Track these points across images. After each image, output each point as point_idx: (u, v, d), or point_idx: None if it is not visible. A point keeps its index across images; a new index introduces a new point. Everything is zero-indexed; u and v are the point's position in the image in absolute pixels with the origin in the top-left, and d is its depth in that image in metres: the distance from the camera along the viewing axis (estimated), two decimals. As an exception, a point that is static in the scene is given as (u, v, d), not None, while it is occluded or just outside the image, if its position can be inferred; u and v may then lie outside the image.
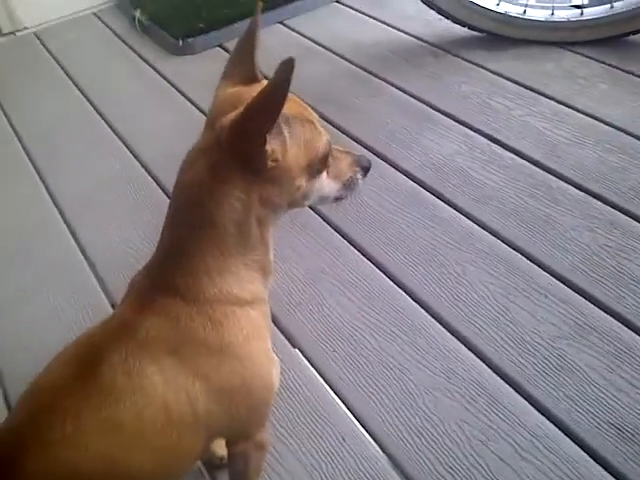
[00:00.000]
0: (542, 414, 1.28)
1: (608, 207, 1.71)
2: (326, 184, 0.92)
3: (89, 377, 0.81)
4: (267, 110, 0.74)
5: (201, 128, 0.88)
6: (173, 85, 2.61)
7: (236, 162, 0.79)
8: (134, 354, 0.82)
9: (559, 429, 1.25)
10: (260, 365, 0.92)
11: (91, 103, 2.59)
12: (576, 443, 1.22)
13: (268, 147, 0.77)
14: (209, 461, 1.26)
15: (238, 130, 0.76)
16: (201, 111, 2.37)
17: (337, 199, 0.97)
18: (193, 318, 0.84)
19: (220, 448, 1.23)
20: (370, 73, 2.45)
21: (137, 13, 3.02)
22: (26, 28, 3.27)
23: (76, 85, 2.74)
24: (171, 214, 0.87)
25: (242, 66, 0.92)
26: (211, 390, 0.85)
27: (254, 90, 0.75)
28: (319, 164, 0.88)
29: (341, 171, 0.95)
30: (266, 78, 0.87)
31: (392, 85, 2.35)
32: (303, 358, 1.46)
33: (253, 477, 1.04)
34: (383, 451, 1.27)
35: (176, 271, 0.85)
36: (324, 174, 0.91)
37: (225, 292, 0.85)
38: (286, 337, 1.50)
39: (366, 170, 0.99)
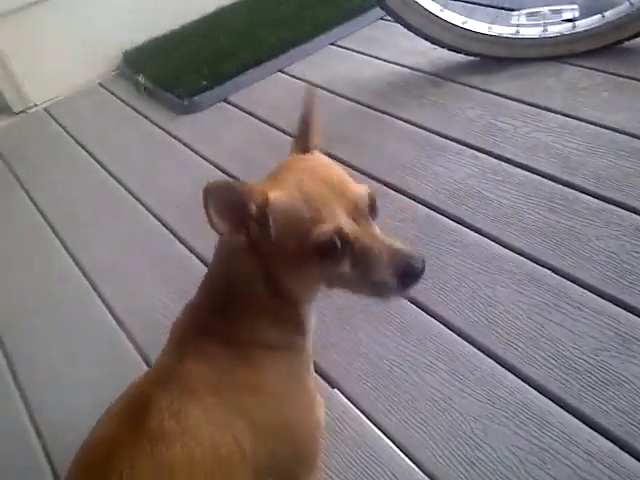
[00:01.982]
0: (594, 430, 1.25)
1: (630, 213, 1.70)
2: (348, 275, 0.85)
3: (139, 425, 0.83)
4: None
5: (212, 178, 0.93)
6: (184, 144, 2.67)
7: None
8: (179, 399, 0.85)
9: (614, 444, 1.22)
10: (301, 404, 0.95)
11: (107, 170, 2.66)
12: (634, 456, 1.20)
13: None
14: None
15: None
16: (213, 164, 2.43)
17: (368, 295, 0.89)
18: (230, 358, 0.89)
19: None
20: (374, 109, 2.49)
21: (140, 78, 3.12)
22: (36, 105, 3.40)
23: (90, 154, 2.82)
24: (212, 262, 0.96)
25: (301, 140, 0.98)
26: (254, 429, 0.87)
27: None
28: (324, 249, 0.82)
29: (369, 268, 0.83)
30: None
31: (398, 118, 2.38)
32: (344, 398, 1.46)
33: None
34: (439, 487, 1.25)
35: (211, 314, 0.91)
36: (345, 263, 0.84)
37: (257, 337, 0.91)
38: (324, 379, 1.50)
39: (407, 277, 0.83)
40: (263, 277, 0.89)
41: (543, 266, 1.63)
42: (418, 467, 1.29)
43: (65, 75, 3.38)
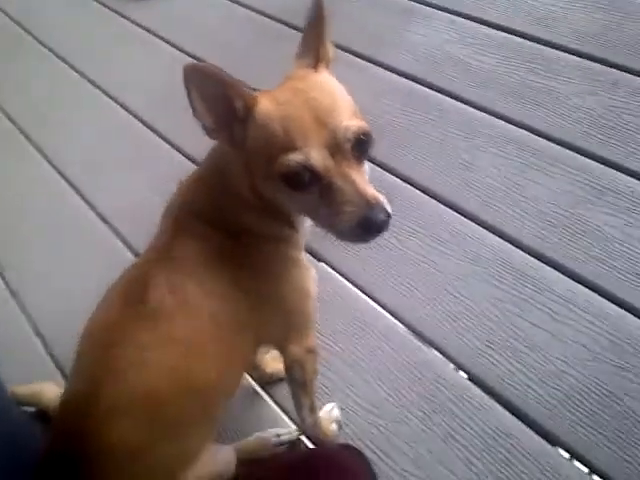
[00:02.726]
0: (571, 278, 1.32)
1: (608, 67, 1.68)
2: (312, 208, 0.82)
3: (139, 302, 0.86)
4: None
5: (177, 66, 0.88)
6: (146, 29, 2.54)
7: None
8: (174, 274, 0.88)
9: (589, 289, 1.29)
10: (292, 274, 0.97)
11: (66, 62, 2.54)
12: (607, 298, 1.26)
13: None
14: (260, 378, 1.32)
15: None
16: (180, 50, 2.33)
17: (330, 227, 0.82)
18: (222, 240, 0.90)
19: (269, 366, 1.31)
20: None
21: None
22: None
23: (45, 45, 2.68)
24: (209, 152, 0.95)
25: (309, 51, 0.88)
26: (248, 300, 0.91)
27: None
28: (289, 178, 0.79)
29: (334, 208, 0.79)
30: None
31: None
32: (330, 270, 1.50)
33: (311, 380, 1.10)
34: (423, 340, 1.32)
35: (205, 199, 0.92)
36: (311, 197, 0.80)
37: (246, 227, 0.92)
38: (311, 254, 1.53)
39: (369, 229, 0.78)
40: (248, 179, 0.86)
41: (522, 127, 1.63)
42: (404, 325, 1.36)
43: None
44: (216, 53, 2.16)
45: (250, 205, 0.90)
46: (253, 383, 1.34)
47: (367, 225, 0.78)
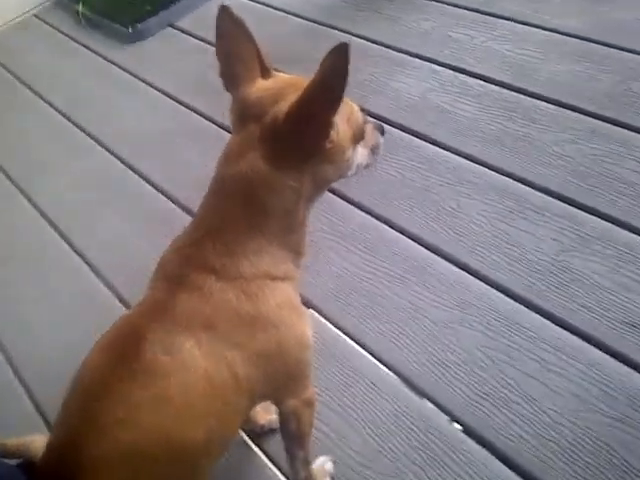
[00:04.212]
0: (560, 326, 1.32)
1: (585, 117, 1.73)
2: (361, 152, 0.96)
3: (132, 359, 0.83)
4: (329, 96, 0.78)
5: (166, 110, 0.89)
6: (132, 74, 2.56)
7: (291, 149, 0.84)
8: (171, 332, 0.85)
9: (579, 337, 1.29)
10: (293, 326, 0.95)
11: (53, 106, 2.55)
12: (597, 347, 1.27)
13: (334, 130, 0.84)
14: (252, 430, 1.30)
15: (299, 118, 0.80)
16: (164, 94, 2.35)
17: (368, 165, 1.01)
18: (226, 292, 0.87)
19: (261, 417, 1.28)
20: (328, 26, 2.42)
21: (80, 7, 2.94)
22: (-32, 42, 3.18)
23: (35, 92, 2.69)
24: (214, 201, 0.90)
25: (247, 64, 0.91)
26: (248, 356, 0.88)
27: (286, 82, 0.88)
28: (359, 134, 0.94)
29: (369, 138, 0.99)
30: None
31: (352, 34, 2.32)
32: (320, 317, 1.49)
33: (307, 432, 1.08)
34: (414, 389, 1.31)
35: (214, 251, 0.88)
36: (360, 143, 0.95)
37: (260, 270, 0.89)
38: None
39: (382, 133, 1.04)
40: (305, 205, 0.90)
41: (504, 174, 1.66)
42: (395, 373, 1.34)
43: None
44: (203, 97, 2.19)
45: (280, 235, 0.89)
46: (243, 435, 1.31)
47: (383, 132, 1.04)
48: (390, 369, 1.36)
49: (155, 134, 2.18)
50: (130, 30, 2.72)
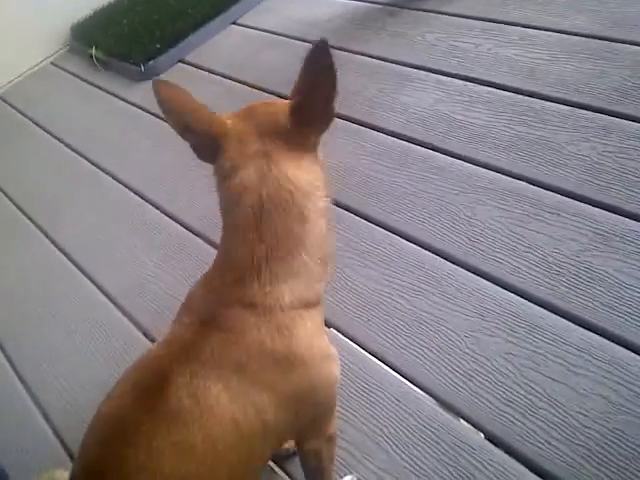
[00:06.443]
0: (584, 327, 1.28)
1: (597, 114, 1.70)
2: None
3: (156, 403, 0.80)
4: (325, 82, 0.86)
5: (180, 143, 0.90)
6: (146, 111, 2.61)
7: (302, 141, 0.87)
8: (199, 375, 0.82)
9: (604, 337, 1.25)
10: (323, 364, 0.92)
11: (72, 149, 2.61)
12: (622, 346, 1.23)
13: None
14: (277, 453, 1.28)
15: (305, 109, 0.86)
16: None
17: None
18: (260, 329, 0.84)
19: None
20: (333, 47, 2.42)
21: (93, 51, 3.03)
22: (-11, 93, 3.30)
23: (54, 136, 2.76)
24: (245, 231, 0.85)
25: (202, 118, 0.92)
26: (279, 400, 0.85)
27: (245, 109, 0.92)
28: None
29: None
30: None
31: (358, 53, 2.34)
32: (341, 336, 1.48)
33: (328, 467, 1.05)
34: (439, 402, 1.28)
35: (251, 282, 0.84)
36: None
37: (298, 296, 0.86)
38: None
39: None
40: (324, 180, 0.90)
41: (519, 179, 1.64)
42: (418, 387, 1.32)
43: (14, 59, 3.29)
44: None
45: (312, 252, 0.86)
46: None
47: None
48: (413, 383, 1.33)
49: (169, 166, 2.22)
50: (142, 69, 2.78)
